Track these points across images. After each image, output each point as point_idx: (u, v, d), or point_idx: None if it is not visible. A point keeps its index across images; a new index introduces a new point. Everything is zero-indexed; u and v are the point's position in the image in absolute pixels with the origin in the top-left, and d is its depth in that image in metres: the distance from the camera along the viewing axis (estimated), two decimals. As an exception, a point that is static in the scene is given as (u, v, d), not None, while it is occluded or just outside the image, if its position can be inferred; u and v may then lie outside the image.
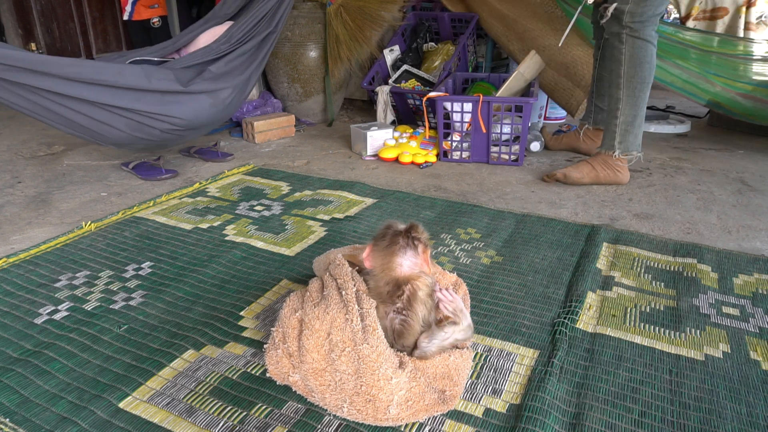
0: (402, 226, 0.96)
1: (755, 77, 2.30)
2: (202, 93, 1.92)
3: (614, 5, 1.76)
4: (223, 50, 2.03)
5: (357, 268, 1.02)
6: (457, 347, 0.97)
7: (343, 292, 0.93)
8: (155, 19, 3.20)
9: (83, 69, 1.64)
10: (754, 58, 2.30)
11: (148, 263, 1.38)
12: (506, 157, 2.19)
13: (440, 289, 0.97)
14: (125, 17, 3.22)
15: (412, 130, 2.47)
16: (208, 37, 2.18)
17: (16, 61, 1.53)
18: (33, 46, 3.49)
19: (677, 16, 2.98)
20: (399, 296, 0.90)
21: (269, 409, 0.90)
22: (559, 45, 2.26)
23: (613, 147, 1.89)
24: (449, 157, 2.25)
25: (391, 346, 0.90)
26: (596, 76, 2.14)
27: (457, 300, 0.96)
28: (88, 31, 3.71)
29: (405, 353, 0.91)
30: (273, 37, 2.18)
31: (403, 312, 0.90)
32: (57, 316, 1.15)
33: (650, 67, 1.80)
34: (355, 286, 0.94)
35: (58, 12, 3.56)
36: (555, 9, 2.55)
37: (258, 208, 1.74)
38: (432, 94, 2.18)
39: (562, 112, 2.87)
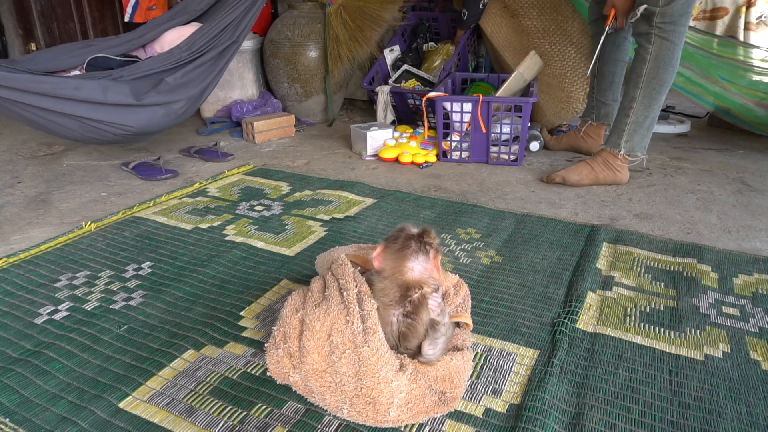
0: (415, 230, 0.95)
1: (761, 84, 2.29)
2: (156, 105, 1.99)
3: (644, 6, 1.73)
4: (183, 59, 2.08)
5: (360, 268, 1.02)
6: (457, 348, 0.97)
7: (345, 293, 0.93)
8: None
9: (44, 84, 1.77)
10: (754, 64, 2.30)
11: (148, 263, 1.38)
12: (506, 157, 2.19)
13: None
14: (126, 18, 3.21)
15: (412, 130, 2.47)
16: (174, 36, 2.24)
17: None
18: (33, 46, 3.49)
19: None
20: (409, 300, 0.90)
21: (269, 409, 0.90)
22: (587, 74, 2.29)
23: (619, 145, 1.87)
24: (449, 157, 2.25)
25: (394, 349, 0.90)
26: (597, 72, 2.14)
27: (439, 299, 0.95)
28: (88, 31, 3.70)
29: (406, 356, 0.91)
30: (234, 48, 2.22)
31: (411, 316, 0.89)
32: (57, 316, 1.15)
33: (673, 70, 1.79)
34: (356, 287, 0.93)
35: (58, 12, 3.55)
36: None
37: (258, 208, 1.74)
38: (432, 94, 2.18)
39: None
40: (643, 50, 1.78)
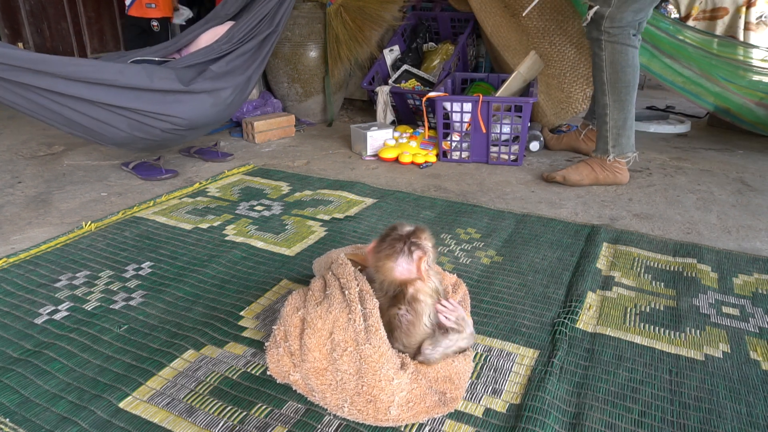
0: (407, 229, 0.94)
1: (762, 84, 2.30)
2: (204, 92, 1.91)
3: (594, 9, 1.73)
4: (224, 50, 2.03)
5: (359, 267, 1.02)
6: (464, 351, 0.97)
7: (346, 292, 0.93)
8: (155, 23, 3.17)
9: (83, 68, 1.63)
10: (754, 63, 2.31)
11: (148, 263, 1.38)
12: (506, 157, 2.19)
13: (440, 300, 0.95)
14: (126, 9, 3.19)
15: (412, 130, 2.47)
16: (209, 36, 2.19)
17: (15, 60, 1.52)
18: (20, 45, 3.47)
19: (677, 16, 2.99)
20: (403, 297, 0.90)
21: (269, 409, 0.90)
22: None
23: (608, 151, 1.89)
24: (449, 157, 2.25)
25: (395, 347, 0.90)
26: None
27: (458, 309, 0.95)
28: (82, 31, 3.68)
29: (407, 355, 0.91)
30: (274, 37, 2.19)
31: (409, 312, 0.90)
32: (57, 316, 1.15)
33: (633, 70, 1.79)
34: (358, 285, 0.94)
35: (49, 12, 3.53)
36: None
37: (258, 208, 1.74)
38: (432, 94, 2.18)
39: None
40: (597, 57, 1.80)
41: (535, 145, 2.35)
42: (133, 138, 1.84)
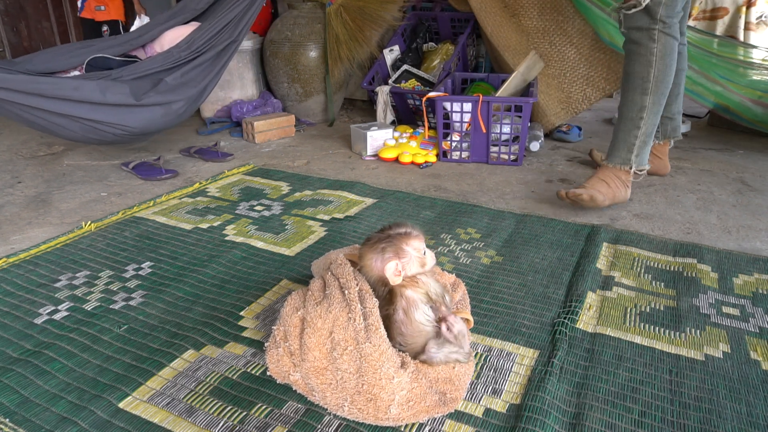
0: (399, 231, 0.96)
1: (761, 83, 2.30)
2: (156, 105, 2.00)
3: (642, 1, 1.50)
4: (182, 58, 2.08)
5: (359, 267, 1.02)
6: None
7: (346, 291, 0.93)
8: (104, 27, 3.16)
9: (42, 85, 1.78)
10: (754, 62, 2.31)
11: (148, 263, 1.38)
12: (506, 157, 2.19)
13: (443, 305, 0.97)
14: (78, 13, 3.20)
15: (412, 130, 2.47)
16: (174, 35, 2.24)
17: None
18: None
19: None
20: (393, 298, 0.91)
21: (269, 409, 0.90)
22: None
23: (629, 161, 1.66)
24: (449, 157, 2.25)
25: (396, 346, 0.91)
26: None
27: (460, 324, 0.95)
28: (68, 31, 3.65)
29: (407, 354, 0.91)
30: (233, 47, 2.23)
31: (397, 312, 0.91)
32: (57, 316, 1.15)
33: (674, 68, 1.61)
34: (357, 285, 0.94)
35: (28, 11, 3.49)
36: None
37: (258, 208, 1.74)
38: (432, 94, 2.18)
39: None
40: (644, 49, 1.56)
41: (535, 145, 2.35)
42: (86, 138, 1.98)
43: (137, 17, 2.99)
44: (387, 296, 0.93)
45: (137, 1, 3.18)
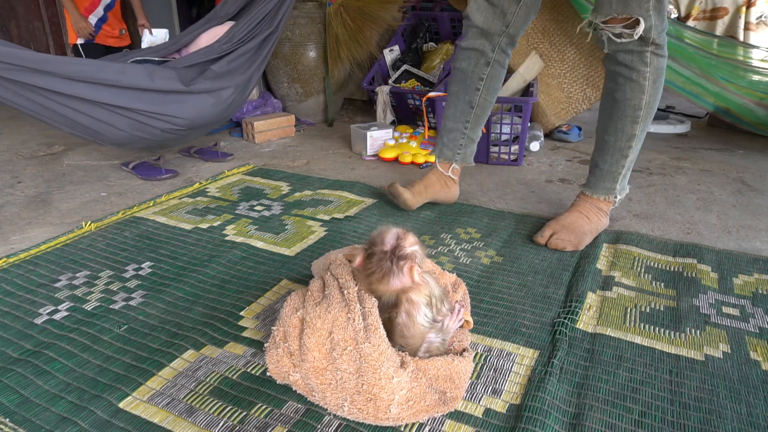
0: (390, 243, 0.91)
1: (762, 84, 2.30)
2: (204, 92, 1.92)
3: (642, 25, 1.29)
4: (225, 49, 2.03)
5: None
6: (458, 351, 0.97)
7: (345, 292, 0.93)
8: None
9: (85, 68, 1.63)
10: (754, 64, 2.31)
11: (148, 263, 1.38)
12: (506, 157, 2.19)
13: (456, 310, 0.99)
14: (79, 41, 2.87)
15: (412, 130, 2.47)
16: (209, 37, 2.18)
17: (17, 59, 1.51)
18: None
19: (677, 16, 2.99)
20: (398, 303, 0.91)
21: (269, 409, 0.90)
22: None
23: (614, 191, 1.51)
24: (449, 157, 2.25)
25: (395, 346, 0.91)
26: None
27: (454, 319, 0.98)
28: (60, 31, 3.59)
29: (407, 353, 0.91)
30: (274, 37, 2.19)
31: (400, 315, 0.91)
32: (57, 316, 1.15)
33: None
34: (356, 285, 0.94)
35: (18, 11, 3.45)
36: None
37: (258, 208, 1.74)
38: (432, 94, 2.18)
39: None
40: (637, 74, 1.37)
41: (535, 145, 2.35)
42: (134, 138, 1.84)
43: (144, 34, 2.66)
44: (395, 302, 0.92)
45: (142, 15, 2.91)
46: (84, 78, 1.63)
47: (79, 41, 2.90)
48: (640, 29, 1.29)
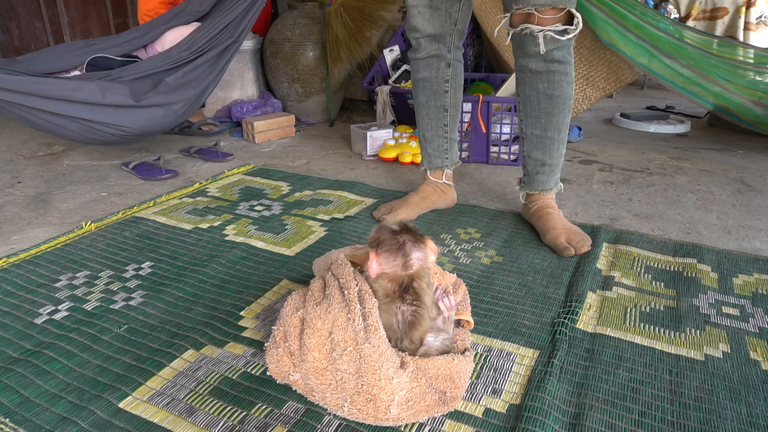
0: (394, 228, 0.93)
1: (761, 84, 2.30)
2: (156, 106, 2.00)
3: (578, 17, 1.29)
4: (183, 58, 2.09)
5: (359, 267, 1.02)
6: (458, 350, 0.97)
7: (346, 292, 0.93)
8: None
9: (41, 86, 1.78)
10: (754, 63, 2.31)
11: (148, 263, 1.38)
12: (506, 157, 2.19)
13: (443, 297, 1.00)
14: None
15: (412, 130, 2.47)
16: (175, 35, 2.25)
17: None
18: None
19: (677, 16, 2.99)
20: (408, 291, 0.91)
21: (269, 409, 0.90)
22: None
23: (558, 182, 1.58)
24: (449, 157, 2.25)
25: (397, 346, 0.91)
26: None
27: (452, 310, 0.99)
28: (61, 31, 3.59)
29: (407, 353, 0.91)
30: (234, 48, 2.23)
31: (414, 303, 0.90)
32: (57, 316, 1.15)
33: None
34: (357, 285, 0.94)
35: (19, 11, 3.46)
36: None
37: (258, 208, 1.74)
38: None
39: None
40: (569, 67, 1.39)
41: (535, 145, 2.35)
42: (85, 138, 1.98)
43: None
44: (407, 291, 0.91)
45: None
46: (41, 94, 1.79)
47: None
48: (578, 21, 1.29)
